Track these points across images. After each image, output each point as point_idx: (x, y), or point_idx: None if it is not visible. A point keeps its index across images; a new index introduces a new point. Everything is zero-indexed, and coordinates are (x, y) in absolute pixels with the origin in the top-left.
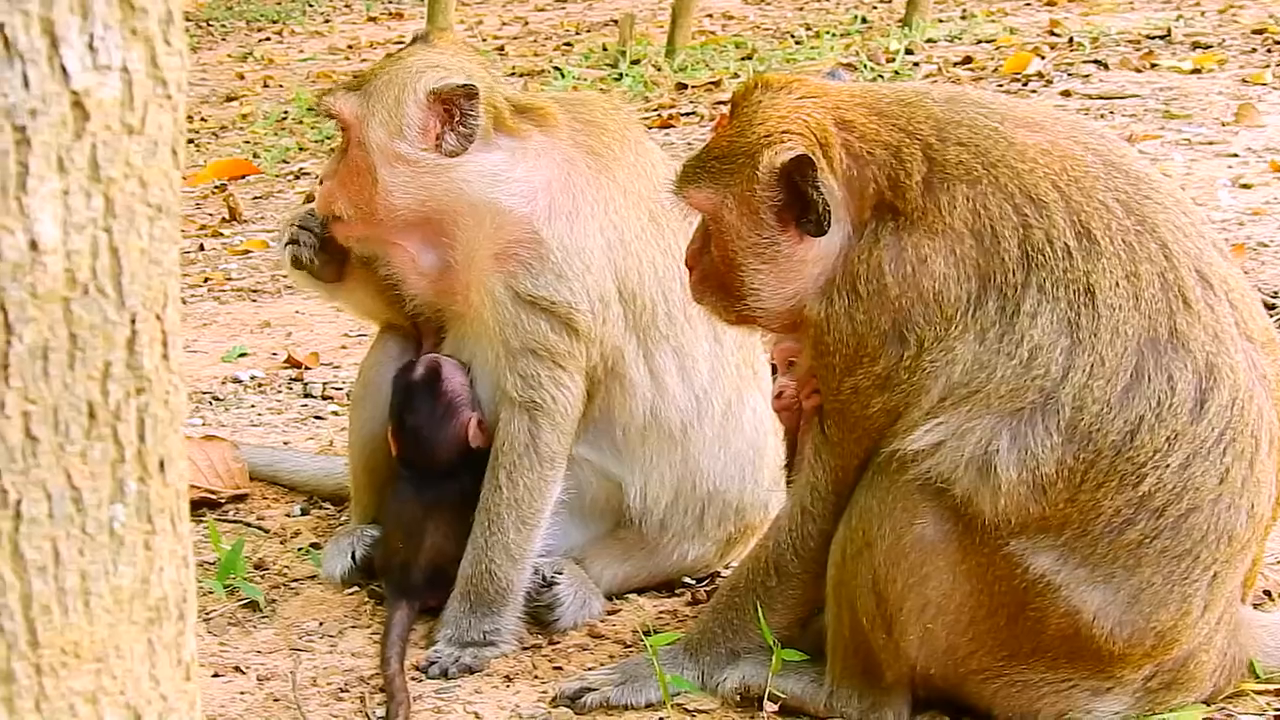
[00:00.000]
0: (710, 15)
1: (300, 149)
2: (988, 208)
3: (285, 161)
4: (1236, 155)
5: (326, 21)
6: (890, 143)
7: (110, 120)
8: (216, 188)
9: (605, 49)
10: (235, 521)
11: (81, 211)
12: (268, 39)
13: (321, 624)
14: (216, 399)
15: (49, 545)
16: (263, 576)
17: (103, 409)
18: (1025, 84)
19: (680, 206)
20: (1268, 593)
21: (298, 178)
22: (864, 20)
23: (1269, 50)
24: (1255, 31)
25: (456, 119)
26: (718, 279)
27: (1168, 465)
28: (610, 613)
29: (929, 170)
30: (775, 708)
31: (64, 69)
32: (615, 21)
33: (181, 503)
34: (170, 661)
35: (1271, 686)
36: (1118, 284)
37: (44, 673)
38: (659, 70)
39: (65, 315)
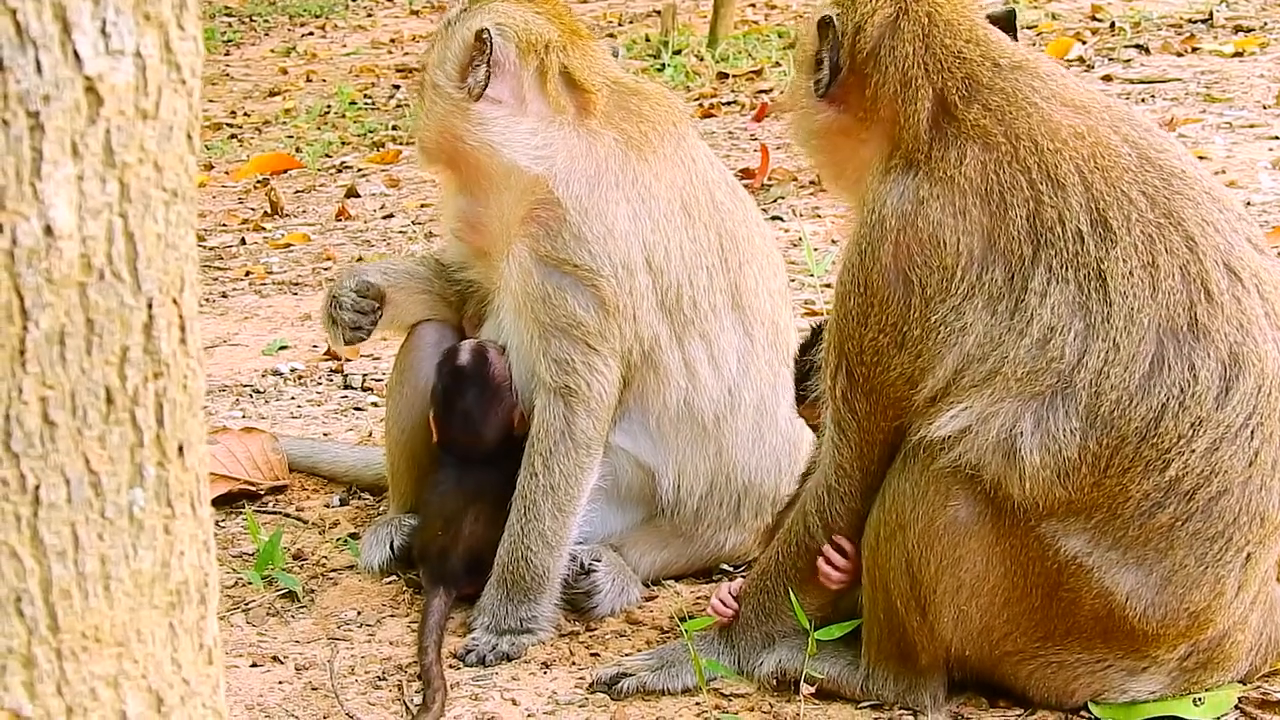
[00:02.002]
0: (753, 4)
1: (343, 143)
2: (999, 174)
3: (327, 156)
4: (1278, 138)
5: (369, 16)
6: (907, 74)
7: (124, 105)
8: (259, 182)
9: (648, 39)
10: (274, 512)
11: (96, 197)
12: (310, 34)
13: (359, 613)
14: (257, 392)
15: (68, 530)
16: (301, 567)
17: (120, 394)
18: (1067, 69)
19: None
20: None
21: (339, 171)
22: None
23: None
24: None
25: (474, 62)
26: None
27: (1193, 450)
28: (648, 599)
29: (943, 121)
30: (812, 690)
31: (77, 54)
32: (658, 12)
33: (202, 487)
34: (192, 646)
35: None
36: (1132, 273)
37: (65, 657)
38: (701, 60)
39: (81, 300)
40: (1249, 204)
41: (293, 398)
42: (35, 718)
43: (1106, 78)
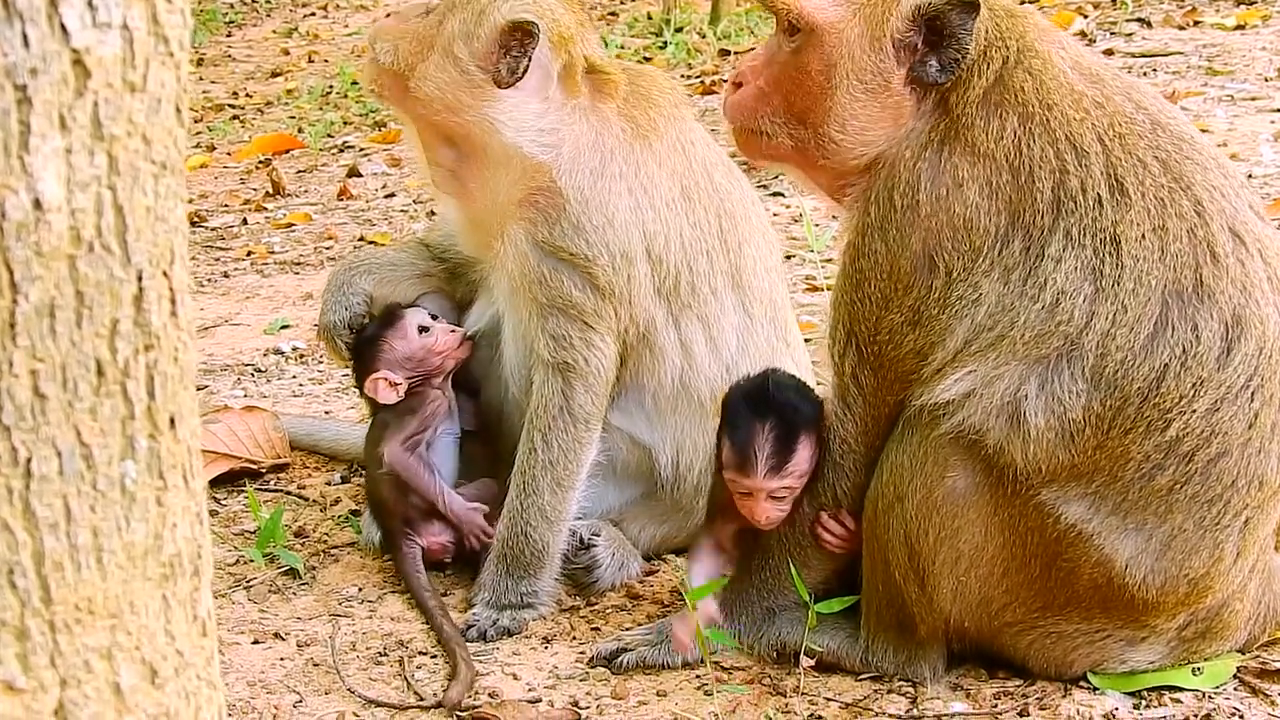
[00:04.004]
0: None
1: (344, 123)
2: (1031, 146)
3: (329, 136)
4: (1279, 110)
5: None
6: (990, 35)
7: (112, 78)
8: (261, 162)
9: (649, 17)
10: (276, 490)
11: (85, 169)
12: (312, 14)
13: (360, 590)
14: (259, 370)
15: (60, 502)
16: (302, 544)
17: (111, 366)
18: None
19: (772, 10)
20: None
21: (341, 151)
22: None
23: None
24: None
25: (512, 52)
26: (785, 100)
27: (1194, 410)
28: (648, 573)
29: (993, 85)
30: (812, 663)
31: (64, 27)
32: None
33: (194, 459)
34: (185, 617)
35: None
36: (1144, 236)
37: (58, 629)
38: (703, 38)
39: (71, 273)
40: (1251, 176)
41: (294, 376)
42: (29, 689)
43: (1109, 52)
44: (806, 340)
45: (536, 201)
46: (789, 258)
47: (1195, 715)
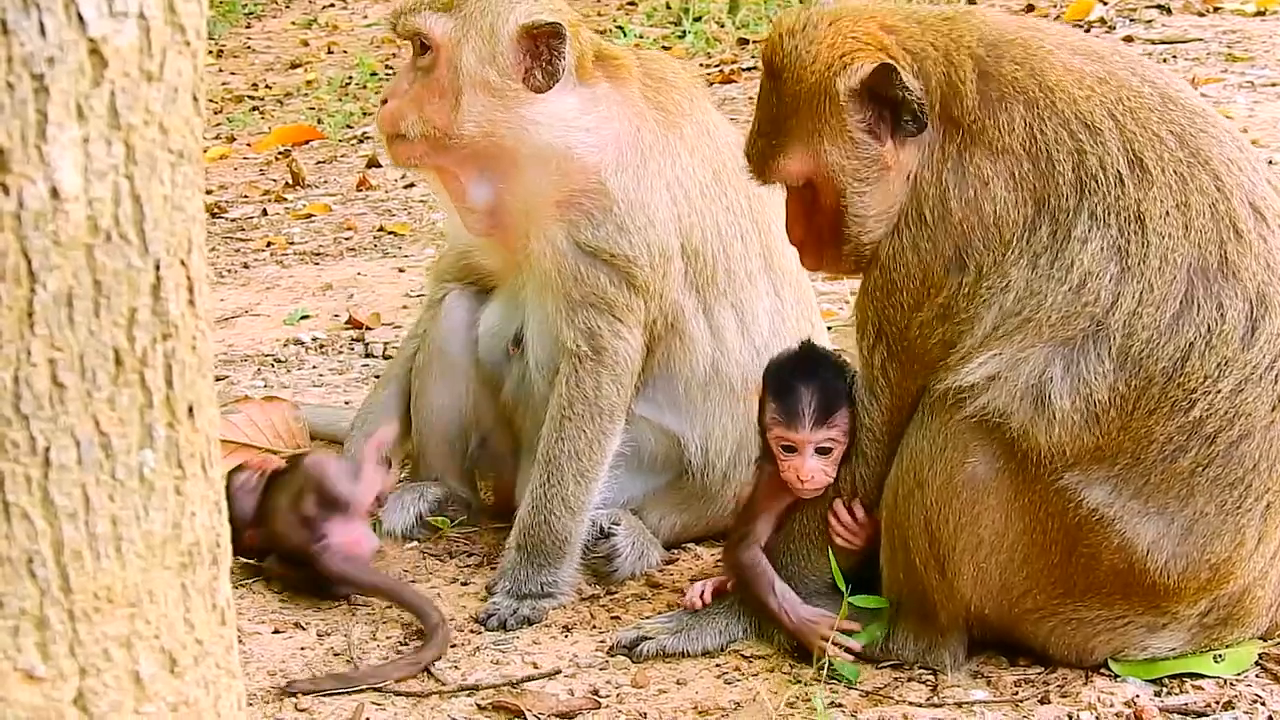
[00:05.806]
0: None
1: (364, 114)
2: (1044, 131)
3: (349, 126)
4: None
5: None
6: (938, 46)
7: (129, 67)
8: (280, 153)
9: (669, 6)
10: None
11: (102, 159)
12: (331, 5)
13: None
14: (279, 361)
15: (79, 491)
16: None
17: (129, 355)
18: (1088, 30)
19: (771, 185)
20: None
21: (360, 142)
22: None
23: None
24: None
25: (544, 57)
26: (827, 234)
27: (1218, 391)
28: (668, 562)
29: (984, 83)
30: (849, 657)
31: (80, 16)
32: None
33: (213, 448)
34: (205, 606)
35: None
36: (1168, 213)
37: (77, 618)
38: (721, 27)
39: (89, 262)
40: (1271, 163)
41: (314, 366)
42: (49, 678)
43: (1128, 38)
44: (828, 329)
45: (580, 203)
46: None
47: (1216, 702)
